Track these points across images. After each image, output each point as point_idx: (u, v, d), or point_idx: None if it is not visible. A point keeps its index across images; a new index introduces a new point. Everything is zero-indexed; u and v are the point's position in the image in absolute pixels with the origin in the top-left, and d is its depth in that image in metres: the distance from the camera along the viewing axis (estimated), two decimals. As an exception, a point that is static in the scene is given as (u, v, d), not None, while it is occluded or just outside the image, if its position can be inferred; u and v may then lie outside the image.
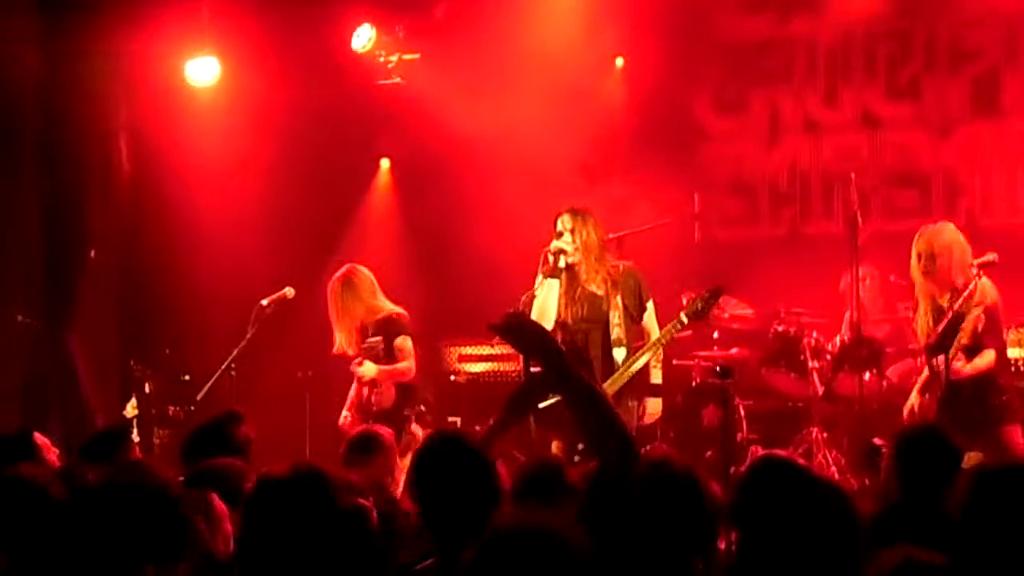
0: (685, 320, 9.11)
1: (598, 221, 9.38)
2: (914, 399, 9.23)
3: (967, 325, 8.87)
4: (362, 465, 7.11)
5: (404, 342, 10.14)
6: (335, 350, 10.26)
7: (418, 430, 9.64)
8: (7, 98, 12.30)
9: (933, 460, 5.77)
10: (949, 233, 9.22)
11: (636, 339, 9.26)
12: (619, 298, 9.14)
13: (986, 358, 8.96)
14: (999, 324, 9.25)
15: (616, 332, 9.07)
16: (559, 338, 8.16)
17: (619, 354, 9.06)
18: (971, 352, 8.93)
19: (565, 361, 5.08)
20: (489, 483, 4.88)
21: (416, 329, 10.38)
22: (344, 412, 10.28)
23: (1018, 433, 8.92)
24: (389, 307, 10.27)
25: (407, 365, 10.12)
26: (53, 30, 12.34)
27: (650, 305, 9.25)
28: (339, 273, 10.34)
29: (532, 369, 8.78)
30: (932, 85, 12.67)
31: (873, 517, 5.53)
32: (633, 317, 9.17)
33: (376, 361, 10.03)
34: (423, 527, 4.87)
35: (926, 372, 9.24)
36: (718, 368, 7.43)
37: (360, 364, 10.02)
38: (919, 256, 9.16)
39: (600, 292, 9.17)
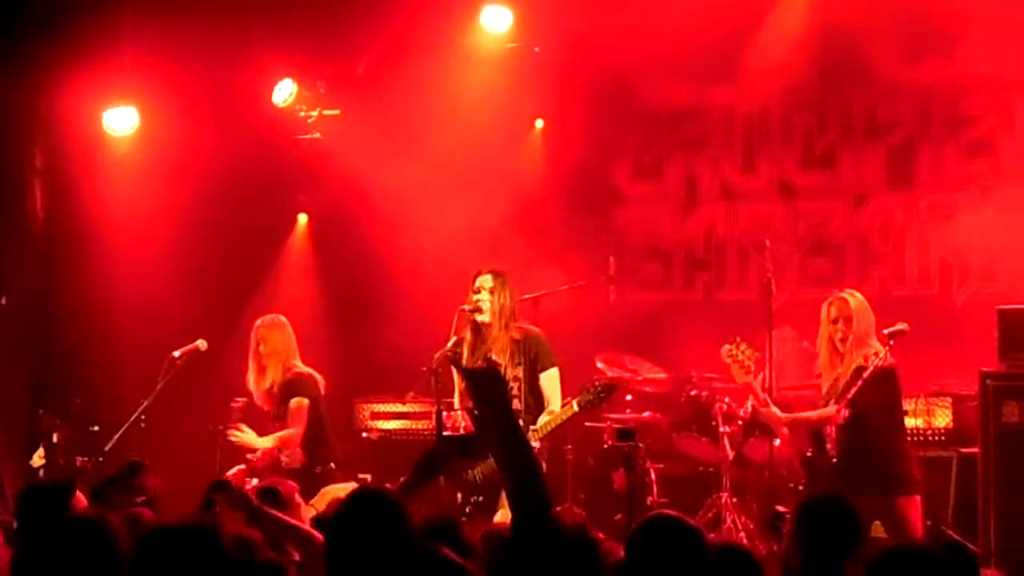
0: (576, 408, 9.09)
1: (514, 287, 9.42)
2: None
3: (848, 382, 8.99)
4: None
5: (299, 404, 10.13)
6: (256, 399, 10.29)
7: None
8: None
9: (834, 529, 5.79)
10: (859, 300, 9.31)
11: (538, 403, 9.30)
12: (520, 370, 9.17)
13: (826, 411, 9.02)
14: (893, 390, 9.24)
15: (514, 404, 9.08)
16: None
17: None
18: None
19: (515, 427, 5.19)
20: (405, 538, 4.85)
21: (329, 386, 10.37)
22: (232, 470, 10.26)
23: (917, 507, 8.96)
24: (299, 366, 10.28)
25: (292, 433, 10.12)
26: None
27: (553, 372, 9.22)
28: (269, 318, 10.36)
29: (444, 433, 8.83)
30: (848, 155, 12.80)
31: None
32: (530, 384, 9.19)
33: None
34: None
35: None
36: (618, 430, 7.44)
37: (239, 431, 10.05)
38: (835, 320, 9.21)
39: (502, 361, 9.20)
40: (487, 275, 9.37)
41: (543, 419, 9.17)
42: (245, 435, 10.14)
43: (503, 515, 8.86)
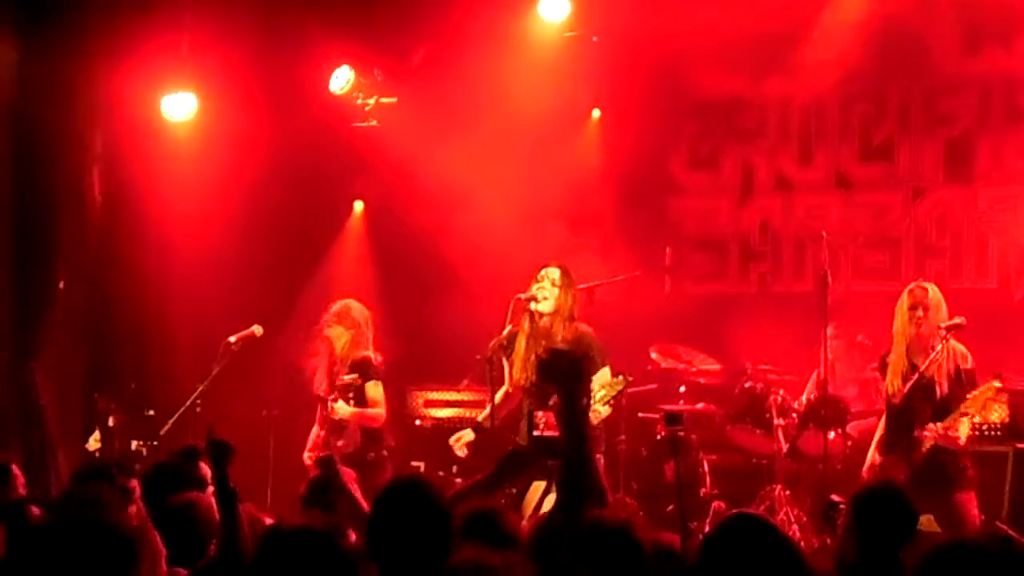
0: (593, 404, 8.98)
1: (576, 287, 9.43)
2: (872, 456, 9.25)
3: (941, 383, 8.94)
4: (322, 507, 7.07)
5: (377, 388, 10.20)
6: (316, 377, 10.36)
7: None
8: (-20, 125, 12.30)
9: (890, 520, 5.77)
10: (936, 291, 9.27)
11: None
12: None
13: (966, 425, 8.97)
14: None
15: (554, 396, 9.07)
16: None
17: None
18: (937, 413, 8.95)
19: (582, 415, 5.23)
20: (444, 530, 4.86)
21: (384, 372, 10.42)
22: (307, 452, 10.31)
23: (973, 502, 8.92)
24: (370, 349, 10.34)
25: (378, 412, 10.18)
26: (29, 58, 12.34)
27: (604, 371, 9.16)
28: (347, 301, 10.42)
29: (535, 433, 8.84)
30: (905, 147, 12.73)
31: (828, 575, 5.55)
32: None
33: (348, 400, 10.07)
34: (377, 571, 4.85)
35: (882, 428, 9.27)
36: (665, 414, 7.37)
37: (335, 401, 10.05)
38: (914, 307, 9.14)
39: None
40: (555, 268, 9.36)
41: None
42: (340, 406, 10.14)
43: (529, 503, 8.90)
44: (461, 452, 9.51)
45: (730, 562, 4.61)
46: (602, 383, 8.75)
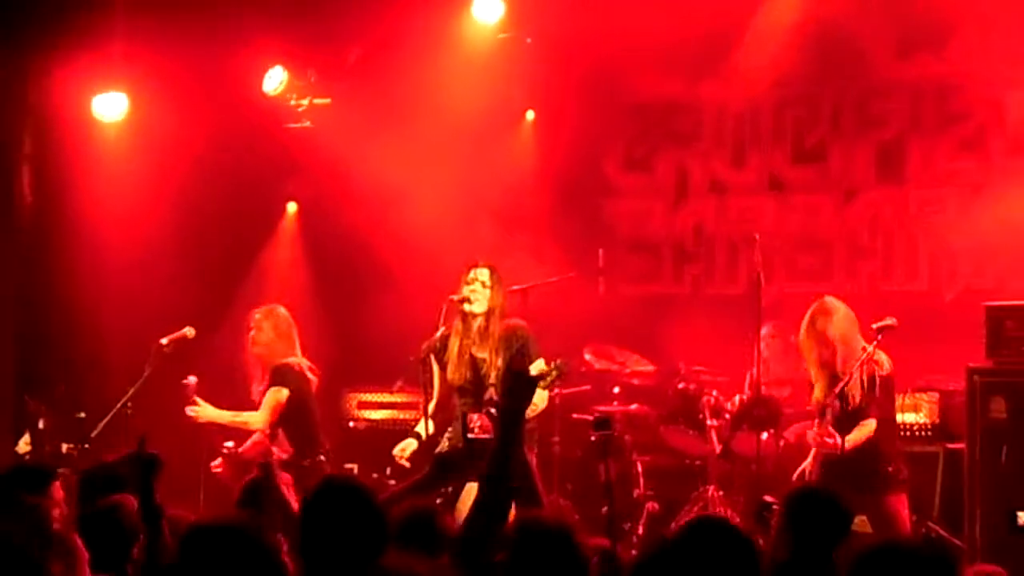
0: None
1: (505, 283, 9.45)
2: (807, 464, 9.33)
3: (854, 391, 9.01)
4: (255, 511, 7.01)
5: (276, 394, 10.13)
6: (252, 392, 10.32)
7: None
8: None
9: (823, 520, 5.80)
10: (836, 304, 9.39)
11: None
12: (499, 360, 9.16)
13: (864, 430, 9.07)
14: (892, 394, 9.39)
15: (489, 391, 9.08)
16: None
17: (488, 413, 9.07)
18: (852, 419, 9.03)
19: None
20: (376, 531, 4.84)
21: (317, 375, 10.37)
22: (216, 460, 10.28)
23: (904, 503, 9.00)
24: (291, 356, 10.28)
25: (253, 417, 10.13)
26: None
27: (539, 362, 9.15)
28: (264, 308, 10.37)
29: (469, 436, 8.83)
30: (837, 150, 12.80)
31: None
32: None
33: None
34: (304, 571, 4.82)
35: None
36: (594, 419, 7.41)
37: (196, 404, 10.06)
38: (812, 321, 9.29)
39: (484, 356, 9.20)
40: (484, 268, 9.37)
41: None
42: (202, 409, 10.13)
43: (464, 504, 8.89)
44: (405, 463, 9.49)
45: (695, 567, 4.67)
46: (538, 370, 8.76)
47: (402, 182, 12.73)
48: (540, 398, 9.05)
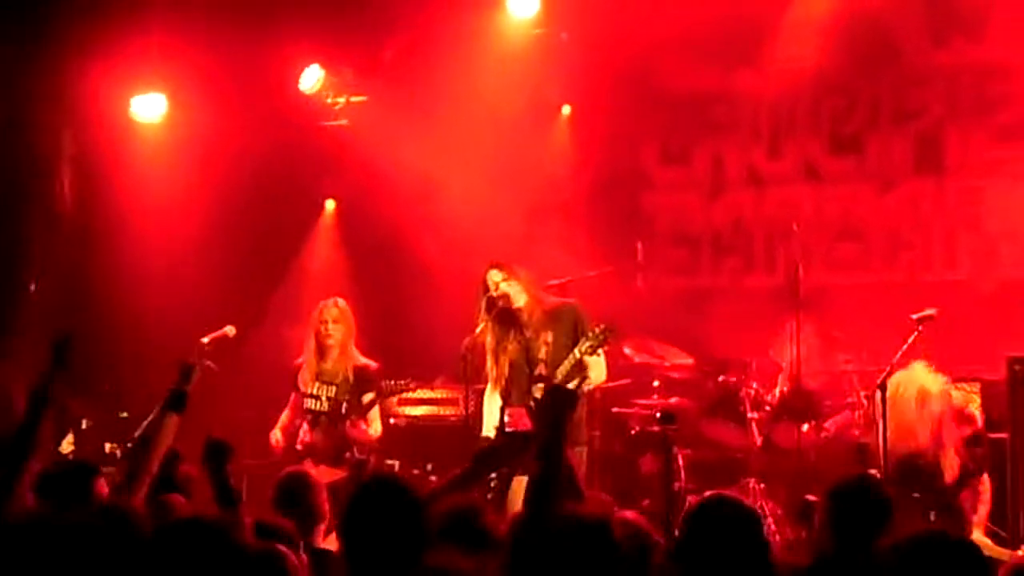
0: (578, 355, 8.99)
1: (520, 266, 9.46)
2: None
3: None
4: (293, 508, 7.03)
5: (373, 402, 10.26)
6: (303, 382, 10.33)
7: None
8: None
9: (864, 512, 5.80)
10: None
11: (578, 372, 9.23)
12: (549, 335, 9.16)
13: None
14: None
15: (539, 367, 9.09)
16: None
17: (538, 391, 9.07)
18: None
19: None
20: (419, 528, 4.86)
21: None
22: (277, 434, 10.34)
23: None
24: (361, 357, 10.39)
25: (376, 435, 10.23)
26: (-1, 58, 12.32)
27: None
28: (335, 301, 10.37)
29: (507, 429, 8.87)
30: (875, 140, 12.76)
31: (805, 568, 5.57)
32: (570, 351, 9.12)
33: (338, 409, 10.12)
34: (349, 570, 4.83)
35: None
36: (659, 414, 7.44)
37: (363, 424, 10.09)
38: None
39: (530, 335, 9.22)
40: (494, 271, 9.39)
41: (557, 371, 9.12)
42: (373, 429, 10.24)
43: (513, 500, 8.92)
44: None
45: (703, 538, 4.72)
46: (583, 339, 8.79)
47: (439, 178, 12.77)
48: (599, 370, 9.08)
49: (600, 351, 8.96)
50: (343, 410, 10.16)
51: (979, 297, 11.89)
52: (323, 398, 10.32)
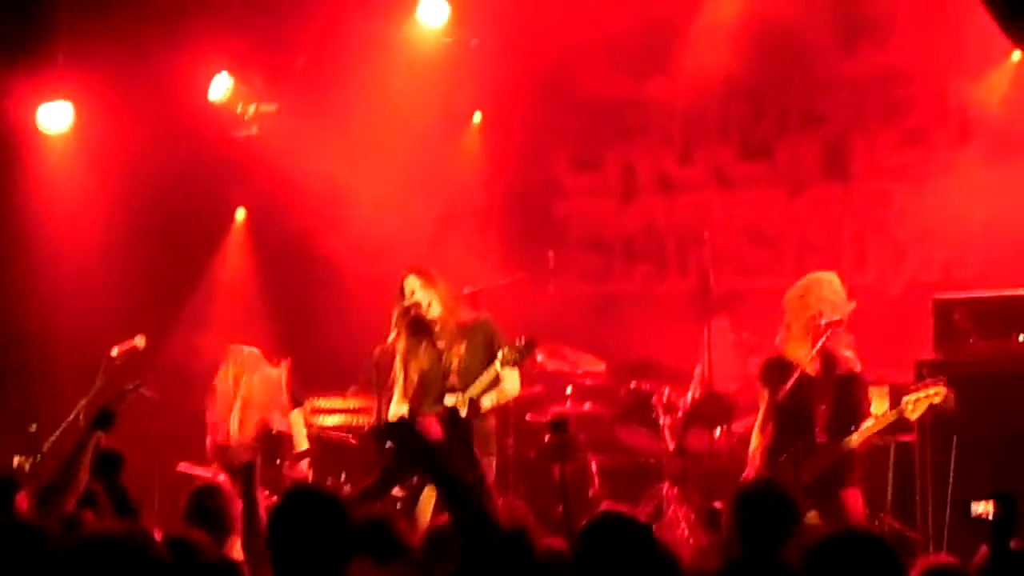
0: (499, 367, 9.00)
1: (439, 276, 9.45)
2: (755, 441, 9.30)
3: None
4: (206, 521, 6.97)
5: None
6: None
7: None
8: None
9: (771, 518, 5.83)
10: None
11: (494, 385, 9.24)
12: (462, 347, 9.17)
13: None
14: None
15: (452, 377, 9.09)
16: None
17: (449, 400, 9.09)
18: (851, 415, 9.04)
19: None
20: (345, 538, 4.84)
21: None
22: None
23: (859, 497, 9.02)
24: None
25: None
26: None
27: (505, 349, 9.14)
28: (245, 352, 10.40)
29: (387, 446, 8.88)
30: (784, 146, 12.87)
31: (714, 574, 5.60)
32: (483, 364, 9.13)
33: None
34: None
35: (761, 416, 9.33)
36: (551, 422, 7.47)
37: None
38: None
39: (442, 347, 9.22)
40: (410, 276, 9.38)
41: (473, 386, 9.12)
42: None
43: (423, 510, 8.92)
44: None
45: (599, 559, 4.76)
46: (504, 351, 8.79)
47: (350, 186, 12.74)
48: (513, 383, 9.10)
49: (517, 365, 9.01)
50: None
51: (887, 300, 12.01)
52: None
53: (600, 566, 4.77)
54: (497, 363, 8.91)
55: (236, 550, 7.04)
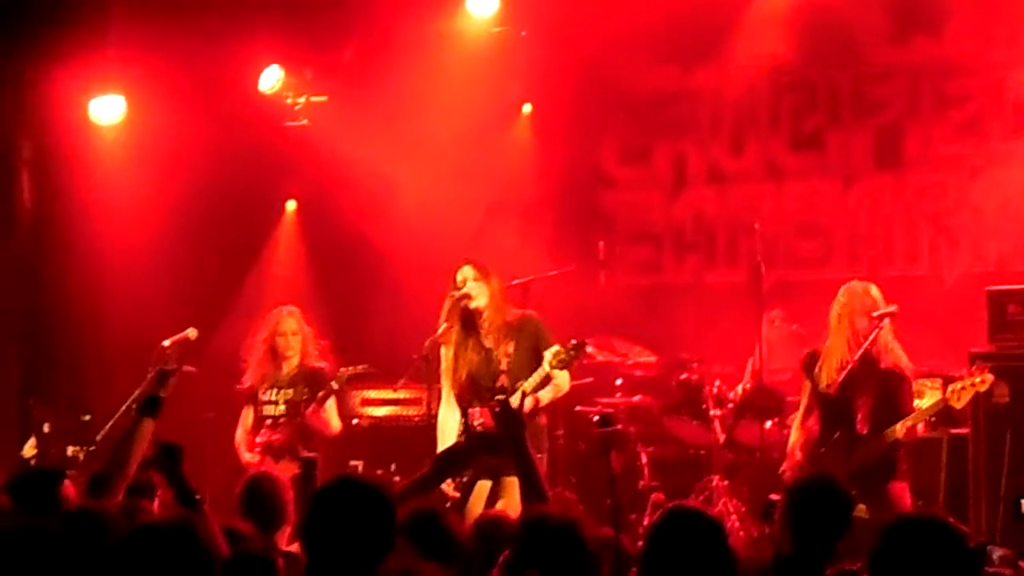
0: (547, 369, 8.94)
1: (495, 272, 9.41)
2: (795, 435, 9.24)
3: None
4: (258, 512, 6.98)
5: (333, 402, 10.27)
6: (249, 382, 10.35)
7: None
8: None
9: (824, 513, 5.80)
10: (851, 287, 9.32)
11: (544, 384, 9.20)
12: (511, 346, 9.12)
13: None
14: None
15: (501, 378, 9.05)
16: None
17: (514, 399, 9.04)
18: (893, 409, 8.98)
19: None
20: (387, 530, 4.82)
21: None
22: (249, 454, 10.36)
23: (907, 491, 8.97)
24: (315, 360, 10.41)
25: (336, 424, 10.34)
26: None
27: (554, 348, 9.10)
28: (288, 308, 10.37)
29: (472, 430, 8.86)
30: (835, 136, 12.80)
31: (766, 566, 5.58)
32: (531, 365, 9.09)
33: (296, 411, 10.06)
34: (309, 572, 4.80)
35: (802, 409, 9.27)
36: (596, 418, 7.44)
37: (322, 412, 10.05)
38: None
39: (490, 345, 9.17)
40: (467, 267, 9.33)
41: (527, 382, 9.07)
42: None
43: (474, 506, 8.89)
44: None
45: (666, 553, 4.73)
46: (553, 352, 8.74)
47: (400, 178, 12.77)
48: (563, 380, 9.05)
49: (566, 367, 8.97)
50: (301, 409, 10.21)
51: (940, 292, 11.94)
52: (280, 403, 10.35)
53: (672, 563, 4.75)
54: (546, 364, 8.86)
55: (286, 541, 7.07)
